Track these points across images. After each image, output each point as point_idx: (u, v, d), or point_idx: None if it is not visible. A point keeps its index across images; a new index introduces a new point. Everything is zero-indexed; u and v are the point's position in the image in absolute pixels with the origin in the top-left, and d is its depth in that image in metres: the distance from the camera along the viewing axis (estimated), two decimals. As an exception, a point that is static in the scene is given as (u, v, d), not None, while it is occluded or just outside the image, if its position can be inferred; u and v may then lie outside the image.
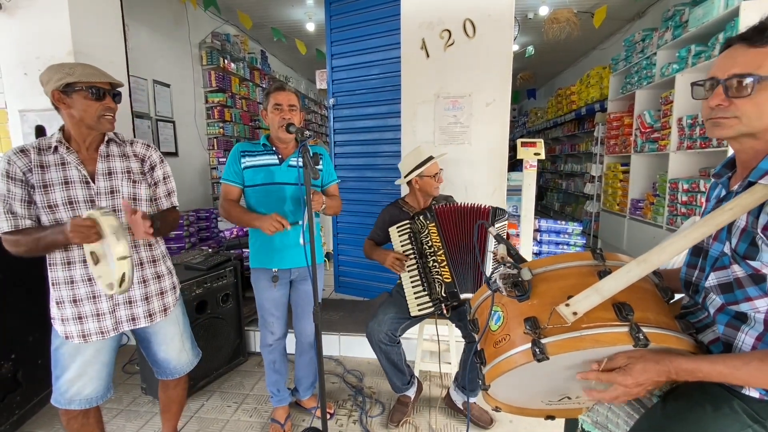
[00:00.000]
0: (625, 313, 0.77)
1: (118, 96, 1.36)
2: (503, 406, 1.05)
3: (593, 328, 0.78)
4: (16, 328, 1.99)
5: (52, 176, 1.29)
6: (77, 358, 1.37)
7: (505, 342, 0.86)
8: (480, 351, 0.93)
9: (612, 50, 5.69)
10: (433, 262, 1.73)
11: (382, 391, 2.28)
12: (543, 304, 0.83)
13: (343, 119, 3.27)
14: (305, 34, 5.66)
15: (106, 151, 1.37)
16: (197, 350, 1.69)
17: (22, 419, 2.00)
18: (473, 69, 2.39)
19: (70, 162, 1.31)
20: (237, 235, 3.42)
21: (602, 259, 0.87)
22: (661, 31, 4.07)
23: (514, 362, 0.82)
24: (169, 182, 1.52)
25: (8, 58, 2.75)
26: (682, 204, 3.52)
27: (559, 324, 0.79)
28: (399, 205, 2.05)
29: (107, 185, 1.35)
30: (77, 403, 1.39)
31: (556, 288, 0.85)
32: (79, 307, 1.35)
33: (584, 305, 0.78)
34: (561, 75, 8.39)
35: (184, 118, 4.58)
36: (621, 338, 0.76)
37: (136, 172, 1.42)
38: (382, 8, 2.87)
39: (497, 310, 0.91)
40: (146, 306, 1.45)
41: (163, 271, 1.51)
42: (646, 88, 4.29)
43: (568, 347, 0.78)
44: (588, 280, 0.83)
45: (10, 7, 2.67)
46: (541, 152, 2.38)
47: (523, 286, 0.85)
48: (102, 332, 1.38)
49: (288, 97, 1.69)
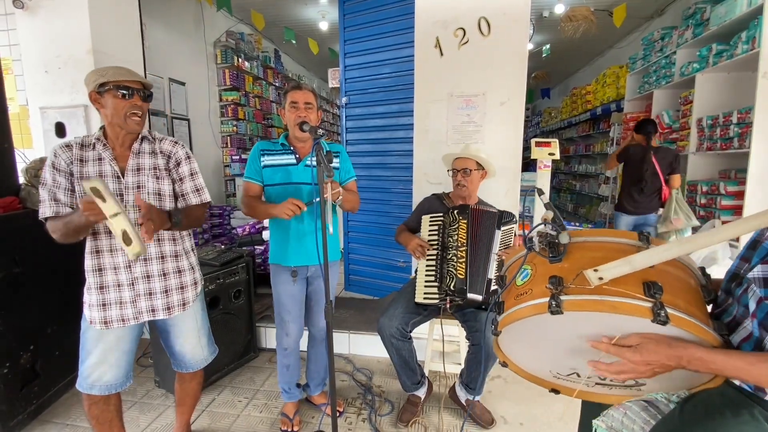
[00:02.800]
0: (653, 291, 0.74)
1: (149, 96, 1.42)
2: (510, 364, 1.04)
3: (615, 295, 0.76)
4: (35, 320, 2.04)
5: (89, 170, 1.38)
6: (99, 344, 1.43)
7: (526, 294, 0.86)
8: (501, 303, 0.92)
9: (629, 49, 5.58)
10: (453, 255, 1.73)
11: (391, 390, 2.28)
12: (573, 269, 0.82)
13: (355, 118, 3.27)
14: (318, 33, 5.68)
15: (139, 149, 1.45)
16: (213, 347, 1.72)
17: (39, 409, 2.05)
18: (487, 68, 2.36)
19: (105, 158, 1.40)
20: (249, 233, 3.45)
21: (647, 242, 0.84)
22: (681, 29, 3.97)
23: (528, 311, 0.82)
24: (196, 178, 1.54)
25: (30, 56, 2.82)
26: (701, 206, 3.43)
27: (583, 285, 0.78)
28: (441, 198, 2.07)
29: (135, 180, 1.42)
30: (98, 389, 1.44)
31: (590, 257, 0.83)
32: (105, 294, 1.42)
33: (612, 273, 0.76)
34: (576, 74, 8.26)
35: (199, 116, 4.64)
36: (640, 311, 0.74)
37: (162, 168, 1.47)
38: (396, 7, 2.86)
39: (527, 268, 0.91)
40: (165, 299, 1.49)
41: (185, 266, 1.54)
42: (664, 88, 4.20)
43: (585, 306, 0.76)
44: (626, 257, 0.80)
45: (32, 6, 2.74)
46: (556, 152, 2.35)
47: (557, 248, 0.85)
48: (123, 320, 1.44)
49: (304, 95, 1.70)
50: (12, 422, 1.89)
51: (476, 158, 1.95)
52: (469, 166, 1.94)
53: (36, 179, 2.04)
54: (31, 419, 2.00)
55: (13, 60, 3.08)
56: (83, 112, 2.80)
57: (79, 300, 1.48)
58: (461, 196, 1.99)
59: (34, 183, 2.04)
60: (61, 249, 1.55)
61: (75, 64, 2.77)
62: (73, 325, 2.18)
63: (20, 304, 1.95)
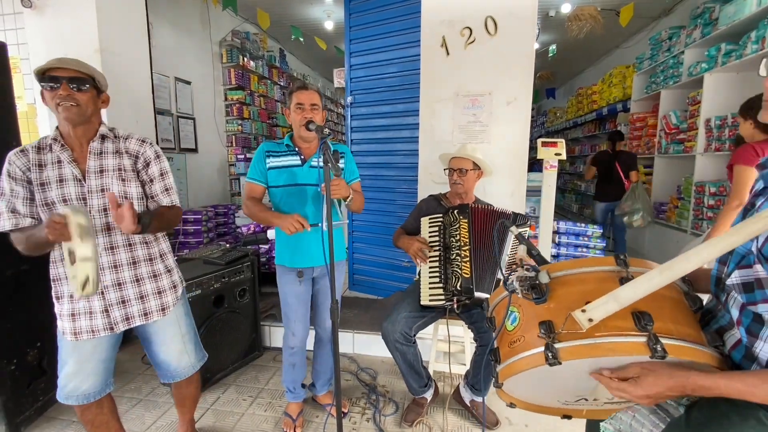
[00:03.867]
0: (644, 322, 0.74)
1: (83, 83, 1.26)
2: (518, 403, 1.04)
3: (609, 336, 0.75)
4: (42, 317, 2.05)
5: (48, 174, 1.28)
6: (74, 354, 1.36)
7: (520, 343, 0.85)
8: (495, 349, 0.92)
9: (636, 49, 5.54)
10: (456, 255, 1.72)
11: (395, 390, 2.28)
12: (560, 308, 0.81)
13: (360, 117, 3.27)
14: (323, 33, 5.68)
15: (99, 148, 1.34)
16: (202, 353, 1.66)
17: (45, 405, 2.07)
18: (494, 67, 2.35)
19: (63, 160, 1.30)
20: (254, 231, 3.46)
21: (625, 265, 0.84)
22: (689, 29, 3.94)
23: (527, 364, 0.82)
24: (166, 178, 1.44)
25: (37, 54, 2.84)
26: (708, 208, 3.40)
27: (574, 330, 0.77)
28: (438, 199, 2.06)
29: (98, 183, 1.32)
30: (75, 399, 1.38)
31: (574, 292, 0.83)
32: (74, 304, 1.34)
33: (600, 312, 0.76)
34: (582, 74, 8.22)
35: (204, 115, 4.65)
36: (637, 348, 0.73)
37: (128, 169, 1.37)
38: (402, 6, 2.85)
39: (514, 311, 0.90)
40: (141, 305, 1.42)
41: (160, 269, 1.47)
42: (672, 88, 4.17)
43: (582, 354, 0.76)
44: (608, 285, 0.80)
45: (40, 5, 2.76)
46: (563, 153, 2.33)
47: (540, 289, 0.84)
48: (93, 331, 1.35)
49: (310, 96, 1.69)
50: (19, 418, 1.90)
51: (472, 158, 1.94)
52: (464, 165, 1.93)
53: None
54: (38, 415, 2.02)
55: (21, 59, 3.10)
56: (90, 111, 2.81)
57: (85, 297, 1.47)
58: (458, 195, 1.98)
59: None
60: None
61: (82, 63, 2.78)
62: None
63: (27, 301, 1.96)
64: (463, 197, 1.98)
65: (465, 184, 1.94)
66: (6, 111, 2.00)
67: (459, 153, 1.98)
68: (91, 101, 1.29)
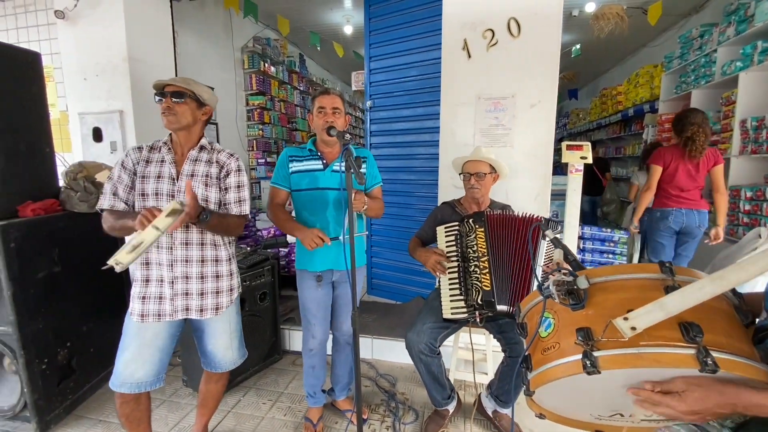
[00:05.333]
0: (693, 334, 0.69)
1: (181, 96, 1.46)
2: (547, 414, 0.99)
3: (654, 346, 0.70)
4: (72, 318, 2.12)
5: (151, 170, 1.48)
6: (136, 340, 1.48)
7: (554, 350, 0.81)
8: (527, 356, 0.89)
9: (664, 48, 5.35)
10: (475, 267, 1.67)
11: (415, 397, 2.25)
12: (598, 316, 0.77)
13: (379, 121, 3.26)
14: (342, 37, 5.72)
15: (196, 156, 1.53)
16: (244, 350, 1.75)
17: (74, 404, 2.13)
18: (517, 69, 2.30)
19: (166, 160, 1.50)
20: (274, 235, 3.48)
21: (671, 273, 0.78)
22: (722, 26, 3.77)
23: (561, 372, 0.77)
24: (241, 191, 1.58)
25: (70, 64, 2.95)
26: (744, 213, 3.24)
27: (615, 338, 0.73)
28: (452, 205, 2.02)
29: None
30: (128, 387, 1.47)
31: (614, 299, 0.78)
32: (147, 288, 1.49)
33: (645, 321, 0.71)
34: (606, 74, 8.01)
35: (227, 120, 4.74)
36: (685, 360, 0.68)
37: (213, 177, 1.53)
38: (423, 9, 2.83)
39: (548, 317, 0.86)
40: (200, 301, 1.53)
41: (223, 272, 1.58)
42: (704, 88, 4.00)
43: (623, 363, 0.71)
44: (652, 294, 0.75)
45: (72, 16, 2.87)
46: (589, 156, 2.25)
47: (578, 294, 0.80)
48: (159, 315, 1.49)
49: (332, 100, 1.70)
50: (49, 416, 1.96)
51: (489, 160, 1.90)
52: (482, 169, 1.88)
53: (75, 182, 2.12)
54: (67, 414, 2.08)
55: (54, 68, 3.23)
56: (119, 117, 2.90)
57: (112, 299, 1.53)
58: (474, 199, 1.93)
59: (73, 186, 2.12)
60: (97, 249, 1.61)
61: (112, 71, 2.87)
62: (108, 323, 2.25)
63: (59, 302, 2.03)
64: (479, 202, 1.93)
65: (483, 188, 1.90)
66: (40, 118, 2.08)
67: (474, 156, 1.93)
68: (189, 112, 1.48)
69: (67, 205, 2.10)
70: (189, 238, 1.50)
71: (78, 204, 2.09)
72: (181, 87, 1.46)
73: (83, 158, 2.95)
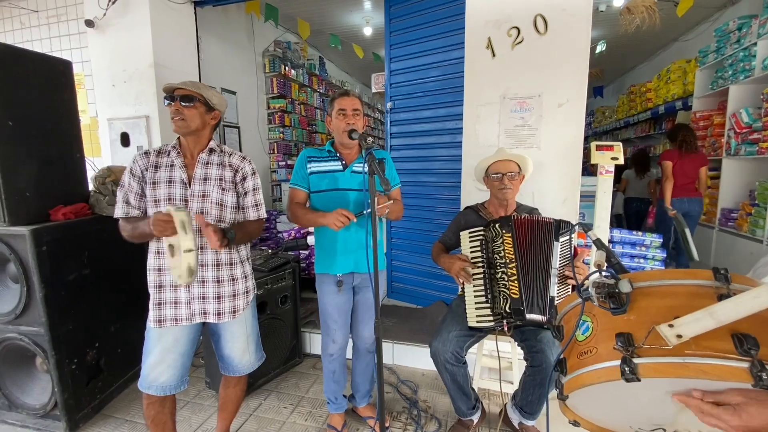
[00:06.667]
0: (747, 346, 0.62)
1: (190, 100, 1.44)
2: (582, 422, 0.94)
3: (701, 356, 0.64)
4: (100, 319, 2.16)
5: (161, 175, 1.47)
6: (158, 345, 1.48)
7: (591, 355, 0.76)
8: (562, 360, 0.84)
9: (698, 42, 5.11)
10: (502, 273, 1.61)
11: (437, 405, 2.19)
12: (641, 322, 0.71)
13: (400, 123, 3.22)
14: (362, 39, 5.72)
15: (207, 159, 1.51)
16: (261, 353, 1.74)
17: (102, 403, 2.17)
18: (544, 68, 2.22)
19: (176, 165, 1.48)
20: (295, 237, 3.49)
21: (726, 280, 0.71)
22: (762, 18, 3.57)
23: (597, 377, 0.73)
24: (257, 194, 1.59)
25: (99, 71, 3.04)
26: (789, 215, 3.04)
27: (658, 345, 0.67)
28: (477, 210, 1.95)
29: (200, 189, 1.48)
30: (154, 389, 1.49)
31: (660, 305, 0.72)
32: (162, 294, 1.49)
33: (692, 329, 0.65)
34: (634, 70, 7.72)
35: (248, 123, 4.80)
36: (738, 374, 0.62)
37: (228, 180, 1.52)
38: (445, 8, 2.78)
39: (586, 320, 0.81)
40: (217, 304, 1.52)
41: (238, 274, 1.57)
42: (742, 83, 3.79)
43: (666, 372, 0.65)
44: (703, 302, 0.68)
45: (101, 25, 2.95)
46: (620, 157, 2.15)
47: (620, 298, 0.75)
48: (176, 319, 1.49)
49: (352, 101, 1.69)
50: (78, 415, 2.01)
51: (517, 158, 1.82)
52: (513, 169, 1.81)
53: (104, 186, 2.17)
54: (95, 413, 2.12)
55: (85, 75, 3.34)
56: (145, 123, 2.97)
57: (139, 300, 1.54)
58: (502, 202, 1.85)
59: (101, 190, 2.17)
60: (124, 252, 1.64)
61: (139, 77, 2.95)
62: (135, 324, 2.29)
63: (88, 303, 2.08)
64: (507, 205, 1.86)
65: (515, 188, 1.83)
66: (71, 124, 2.13)
67: (501, 156, 1.86)
68: (198, 116, 1.46)
69: (96, 209, 2.16)
70: (203, 242, 1.50)
71: (106, 208, 2.13)
72: (191, 91, 1.45)
73: (111, 163, 3.04)
